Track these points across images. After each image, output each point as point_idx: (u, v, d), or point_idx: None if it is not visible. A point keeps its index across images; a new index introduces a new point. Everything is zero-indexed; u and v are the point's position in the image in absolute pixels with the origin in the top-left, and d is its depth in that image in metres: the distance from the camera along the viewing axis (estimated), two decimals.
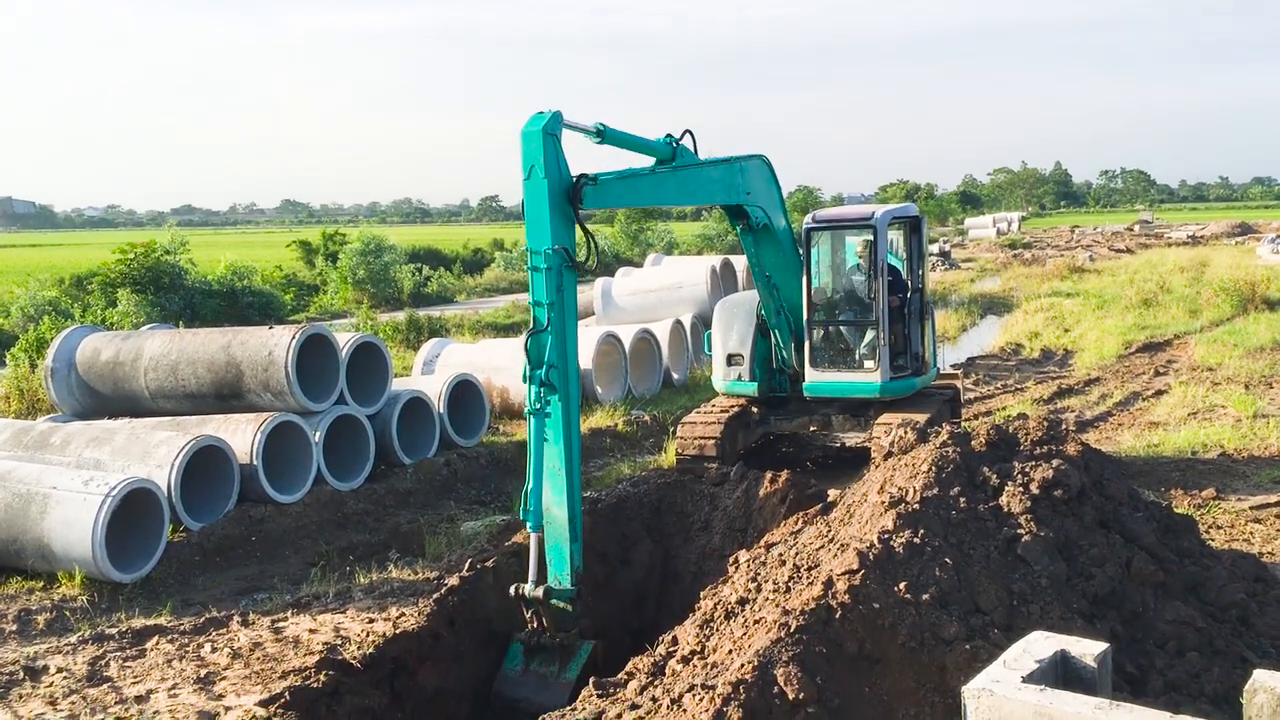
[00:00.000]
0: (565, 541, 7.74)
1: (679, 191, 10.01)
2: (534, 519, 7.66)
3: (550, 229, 7.75)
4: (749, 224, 11.19)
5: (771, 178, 11.38)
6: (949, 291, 36.02)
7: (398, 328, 25.79)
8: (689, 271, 23.15)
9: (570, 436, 7.81)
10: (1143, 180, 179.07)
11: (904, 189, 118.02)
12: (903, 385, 11.98)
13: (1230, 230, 69.74)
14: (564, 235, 7.85)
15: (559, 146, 7.84)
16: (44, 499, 9.80)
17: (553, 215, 7.76)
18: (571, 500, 7.72)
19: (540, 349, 7.79)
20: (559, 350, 7.81)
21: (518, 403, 16.48)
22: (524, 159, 7.86)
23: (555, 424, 7.77)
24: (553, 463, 7.78)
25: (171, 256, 27.86)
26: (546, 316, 7.76)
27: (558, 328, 7.78)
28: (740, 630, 5.80)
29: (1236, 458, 12.02)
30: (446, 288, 40.18)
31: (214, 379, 12.35)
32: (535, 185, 7.80)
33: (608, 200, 8.63)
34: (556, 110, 7.87)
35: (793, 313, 12.06)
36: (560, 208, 7.83)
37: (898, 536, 5.72)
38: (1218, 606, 6.04)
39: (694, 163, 10.12)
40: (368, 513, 12.08)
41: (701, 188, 10.37)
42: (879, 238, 11.65)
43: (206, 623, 8.63)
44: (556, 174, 7.81)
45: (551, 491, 7.78)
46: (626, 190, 9.09)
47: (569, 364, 7.91)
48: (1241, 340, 20.38)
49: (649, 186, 9.52)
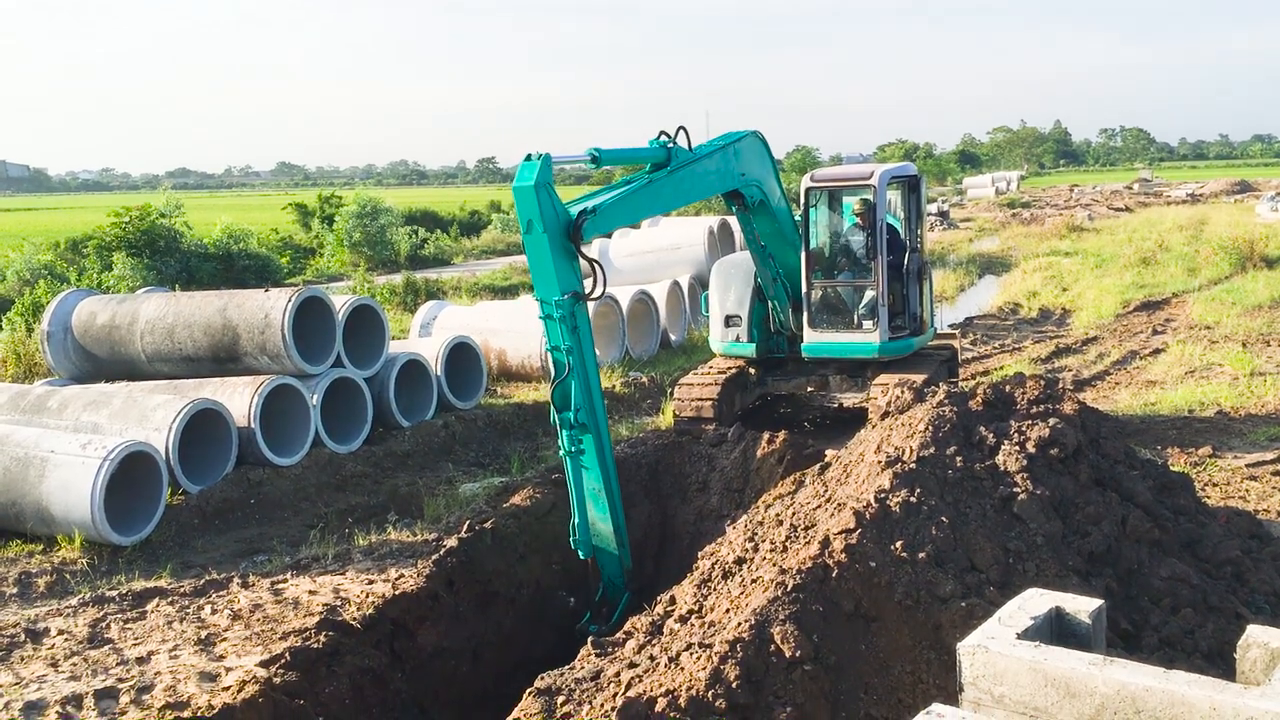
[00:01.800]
0: (615, 547, 8.42)
1: (675, 195, 9.98)
2: (584, 547, 8.23)
3: (557, 277, 7.88)
4: (745, 204, 11.15)
5: (765, 152, 11.31)
6: (947, 251, 35.93)
7: (394, 290, 25.72)
8: (686, 233, 23.08)
9: (605, 461, 8.18)
10: (1142, 139, 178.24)
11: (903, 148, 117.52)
12: (901, 345, 11.96)
13: (1229, 188, 69.48)
14: (570, 279, 7.99)
15: (553, 193, 7.90)
16: (42, 462, 9.81)
17: (557, 264, 7.87)
18: (614, 515, 8.31)
19: (566, 394, 8.00)
20: (583, 390, 8.03)
21: (515, 364, 16.49)
22: (520, 214, 7.91)
23: (591, 455, 8.12)
24: (593, 485, 8.20)
25: (167, 220, 27.70)
26: (566, 362, 7.95)
27: (579, 369, 7.99)
28: (738, 589, 5.83)
29: (1233, 416, 12.04)
30: (443, 250, 40.03)
31: (211, 342, 12.33)
32: (536, 240, 7.86)
33: (607, 226, 8.79)
34: (545, 155, 7.83)
35: (789, 279, 12.02)
36: (563, 252, 7.93)
37: (894, 496, 5.73)
38: (1213, 563, 6.07)
39: (688, 160, 10.04)
40: (366, 475, 12.10)
41: (697, 185, 10.32)
42: (878, 197, 11.59)
43: (206, 585, 8.67)
44: (555, 221, 7.87)
45: (595, 510, 8.26)
46: (624, 212, 9.21)
47: (594, 397, 8.15)
48: (1239, 298, 20.36)
49: (646, 200, 9.53)
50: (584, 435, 8.05)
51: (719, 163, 10.54)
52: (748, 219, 11.42)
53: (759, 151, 11.16)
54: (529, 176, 7.73)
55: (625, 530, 8.50)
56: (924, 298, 12.34)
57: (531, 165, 7.78)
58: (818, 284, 11.99)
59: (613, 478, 8.27)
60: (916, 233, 12.26)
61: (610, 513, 8.28)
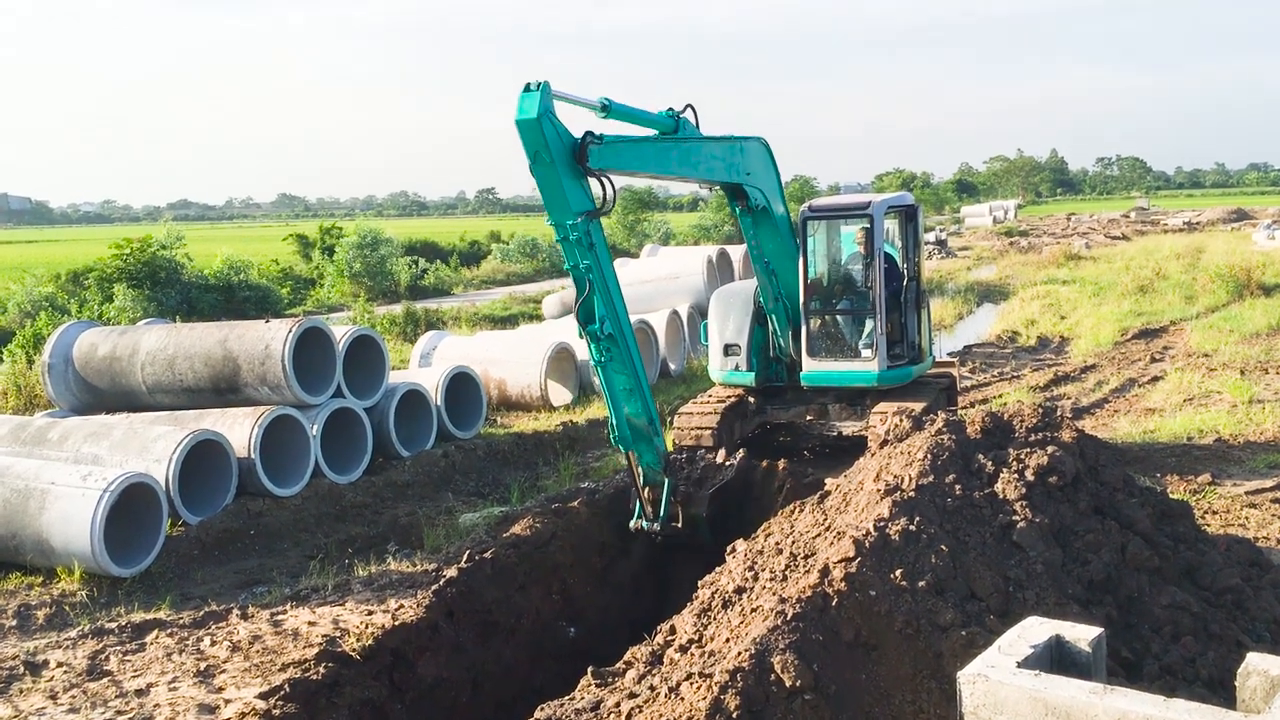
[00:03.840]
0: (650, 438, 8.99)
1: (681, 162, 10.16)
2: (624, 442, 8.92)
3: (569, 199, 8.12)
4: (748, 205, 11.24)
5: (770, 161, 11.40)
6: (945, 280, 36.02)
7: (394, 320, 25.78)
8: (685, 262, 23.16)
9: (634, 362, 8.69)
10: (1139, 167, 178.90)
11: (900, 178, 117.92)
12: (899, 374, 11.98)
13: (1226, 216, 69.73)
14: (582, 199, 8.25)
15: (556, 121, 8.01)
16: (42, 494, 9.81)
17: (567, 186, 8.08)
18: (647, 408, 8.88)
19: (590, 310, 8.45)
20: (605, 302, 8.46)
21: (515, 394, 16.51)
22: (526, 147, 8.02)
23: (620, 362, 8.66)
24: (626, 385, 8.74)
25: (168, 251, 27.82)
26: (587, 279, 8.35)
27: (599, 283, 8.37)
28: (738, 619, 5.82)
29: (1232, 443, 12.05)
30: (443, 280, 40.15)
31: (211, 373, 12.36)
32: (544, 169, 8.03)
33: (612, 161, 8.81)
34: (544, 83, 7.92)
35: (790, 299, 12.07)
36: (572, 175, 8.15)
37: (894, 524, 5.74)
38: (1213, 591, 6.06)
39: (696, 136, 10.27)
40: (366, 505, 12.09)
41: (703, 161, 10.49)
42: (875, 226, 11.66)
43: (206, 616, 8.65)
44: (560, 146, 8.03)
45: (630, 408, 8.81)
46: (631, 153, 9.33)
47: (617, 306, 8.57)
48: (1237, 326, 20.41)
49: (653, 153, 9.70)
50: (612, 345, 8.50)
51: (725, 151, 10.74)
52: (750, 223, 11.53)
53: (763, 157, 11.29)
54: (530, 109, 7.84)
55: (658, 420, 9.08)
56: (922, 326, 12.38)
57: (531, 96, 7.89)
58: (816, 313, 12.03)
59: (641, 376, 8.76)
60: (914, 262, 12.32)
61: (643, 406, 8.81)
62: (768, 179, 11.34)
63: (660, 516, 9.19)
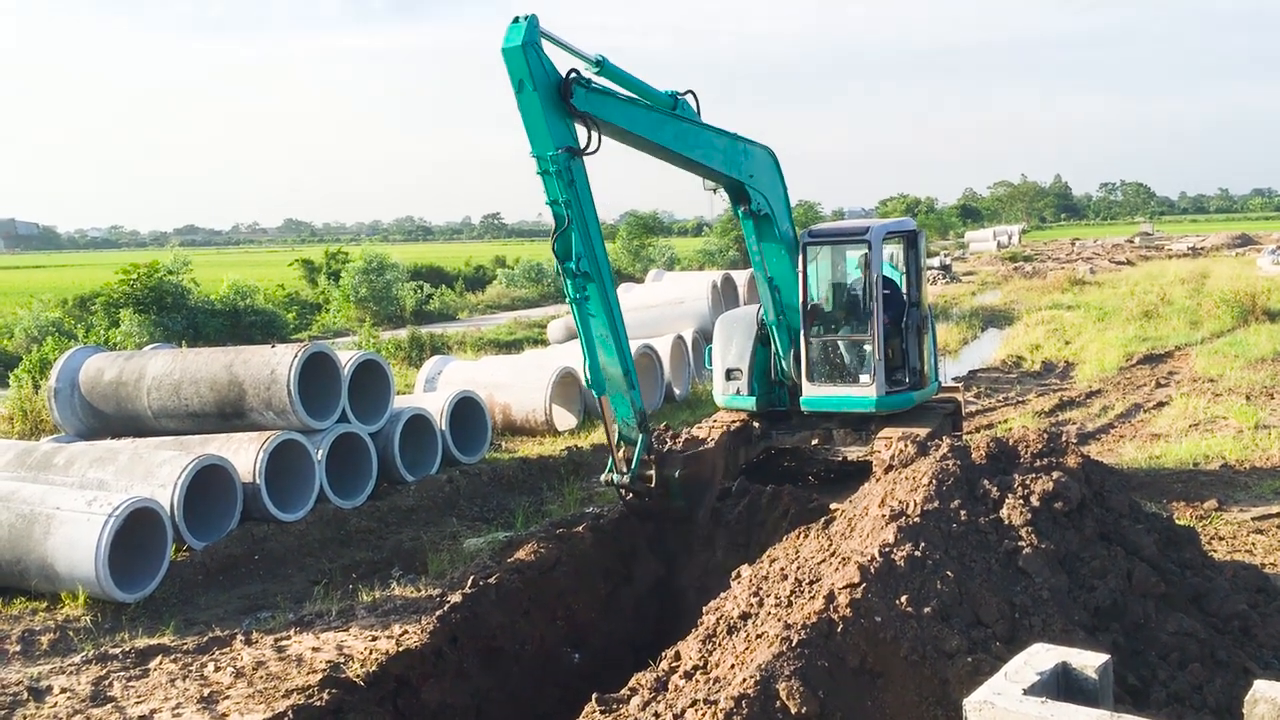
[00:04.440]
0: (625, 390, 9.09)
1: (677, 139, 10.30)
2: (598, 387, 9.03)
3: (549, 133, 8.30)
4: (750, 208, 11.33)
5: (777, 172, 11.47)
6: (950, 305, 36.04)
7: (400, 345, 25.82)
8: (690, 287, 23.21)
9: (610, 307, 8.78)
10: (1143, 193, 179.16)
11: (904, 203, 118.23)
12: (899, 399, 11.97)
13: (1230, 242, 69.81)
14: (563, 134, 8.40)
15: (541, 52, 8.25)
16: (48, 519, 9.82)
17: (549, 119, 8.28)
18: (623, 358, 8.97)
19: (567, 244, 8.54)
20: (584, 239, 8.58)
21: (520, 419, 16.51)
22: (511, 75, 8.23)
23: (596, 302, 8.74)
24: (600, 331, 8.83)
25: (174, 276, 27.96)
26: (565, 214, 8.47)
27: (578, 220, 8.52)
28: (742, 645, 5.80)
29: (1238, 469, 12.02)
30: (448, 305, 40.25)
31: (217, 398, 12.38)
32: (527, 98, 8.24)
33: (600, 110, 8.99)
34: (531, 15, 8.15)
35: (792, 316, 12.13)
36: (554, 109, 8.34)
37: (899, 550, 5.73)
38: (1220, 618, 6.04)
39: (697, 121, 10.40)
40: (370, 530, 12.08)
41: (702, 146, 10.62)
42: (873, 252, 11.69)
43: (210, 642, 8.63)
44: (545, 79, 8.23)
45: (605, 354, 8.91)
46: (622, 111, 9.47)
47: (596, 247, 8.70)
48: (1242, 351, 20.39)
49: (646, 119, 9.84)
50: (587, 283, 8.60)
51: (727, 145, 10.85)
52: (752, 227, 11.64)
53: (769, 166, 11.36)
54: (516, 38, 8.06)
55: (635, 373, 9.17)
56: (925, 352, 12.36)
57: (518, 27, 8.11)
58: (815, 338, 12.06)
59: (619, 324, 8.86)
60: (916, 287, 12.33)
61: (619, 356, 8.89)
62: (773, 189, 11.40)
63: (631, 471, 9.27)
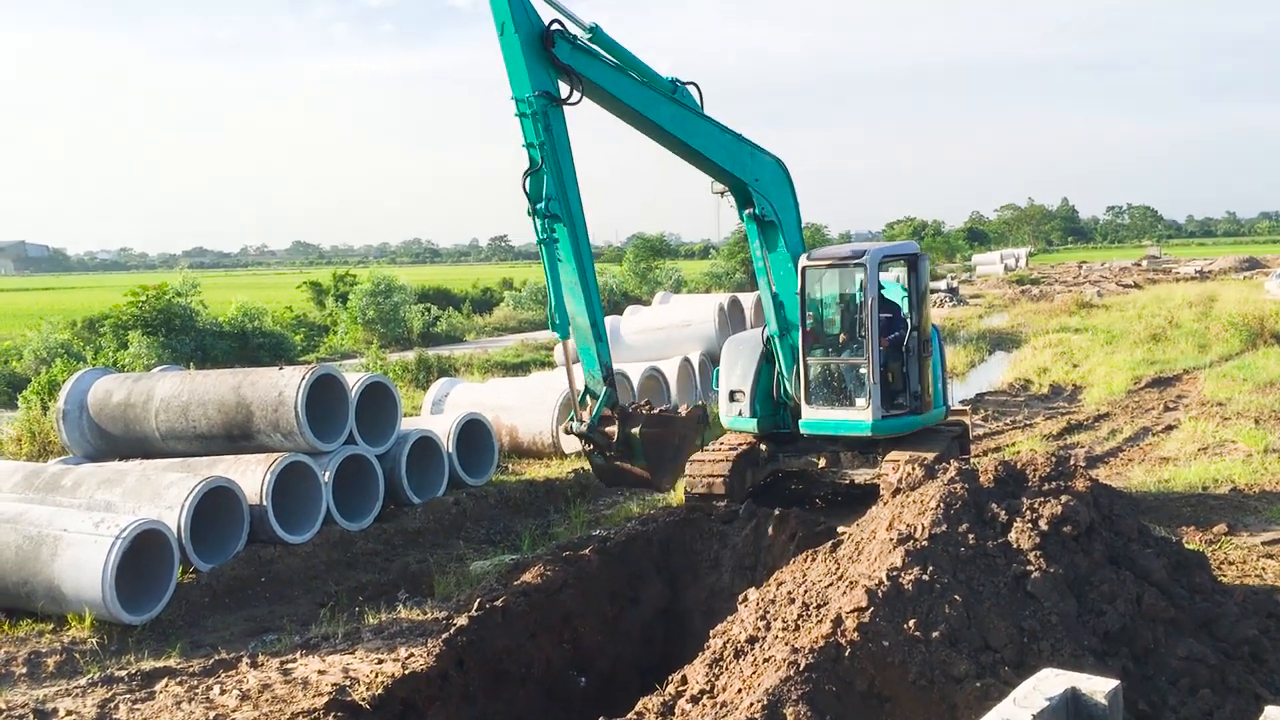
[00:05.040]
0: (591, 342, 9.25)
1: (674, 121, 10.63)
2: (562, 329, 9.16)
3: (529, 76, 8.72)
4: (754, 212, 11.40)
5: (787, 184, 11.53)
6: (957, 328, 36.02)
7: (407, 367, 25.86)
8: (697, 309, 23.23)
9: (581, 254, 9.04)
10: (1150, 216, 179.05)
11: (911, 225, 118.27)
12: (898, 424, 11.90)
13: (1238, 265, 69.75)
14: (543, 79, 8.83)
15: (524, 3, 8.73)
16: (55, 541, 9.83)
17: (529, 63, 8.69)
18: (590, 308, 9.11)
19: (539, 185, 8.83)
20: (556, 183, 8.87)
21: (527, 441, 16.50)
22: (494, 17, 8.60)
23: (565, 247, 9.00)
24: (569, 279, 9.04)
25: (183, 298, 28.04)
26: (540, 155, 8.79)
27: (551, 163, 8.82)
28: (750, 669, 5.78)
29: (1248, 493, 11.96)
30: (455, 327, 40.32)
31: (224, 420, 12.40)
32: (509, 40, 8.64)
33: (587, 70, 9.39)
34: None
35: (795, 334, 12.17)
36: (536, 54, 8.75)
37: (907, 573, 5.70)
38: (1230, 643, 6.00)
39: (699, 111, 10.59)
40: (377, 553, 12.07)
41: (702, 135, 10.86)
42: (869, 276, 11.68)
43: (215, 664, 8.61)
44: (527, 24, 8.65)
45: (573, 302, 9.10)
46: (610, 77, 9.84)
47: (569, 193, 8.96)
48: (1251, 375, 20.33)
49: (636, 91, 10.14)
50: (556, 224, 8.87)
51: (731, 142, 11.00)
52: (756, 232, 11.78)
53: (779, 177, 11.41)
54: None
55: (603, 326, 9.40)
56: (926, 376, 12.28)
57: None
58: (814, 360, 12.08)
59: (590, 274, 9.09)
60: (918, 310, 12.25)
61: (587, 307, 9.08)
62: (782, 199, 11.45)
63: (590, 421, 9.41)
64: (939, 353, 12.68)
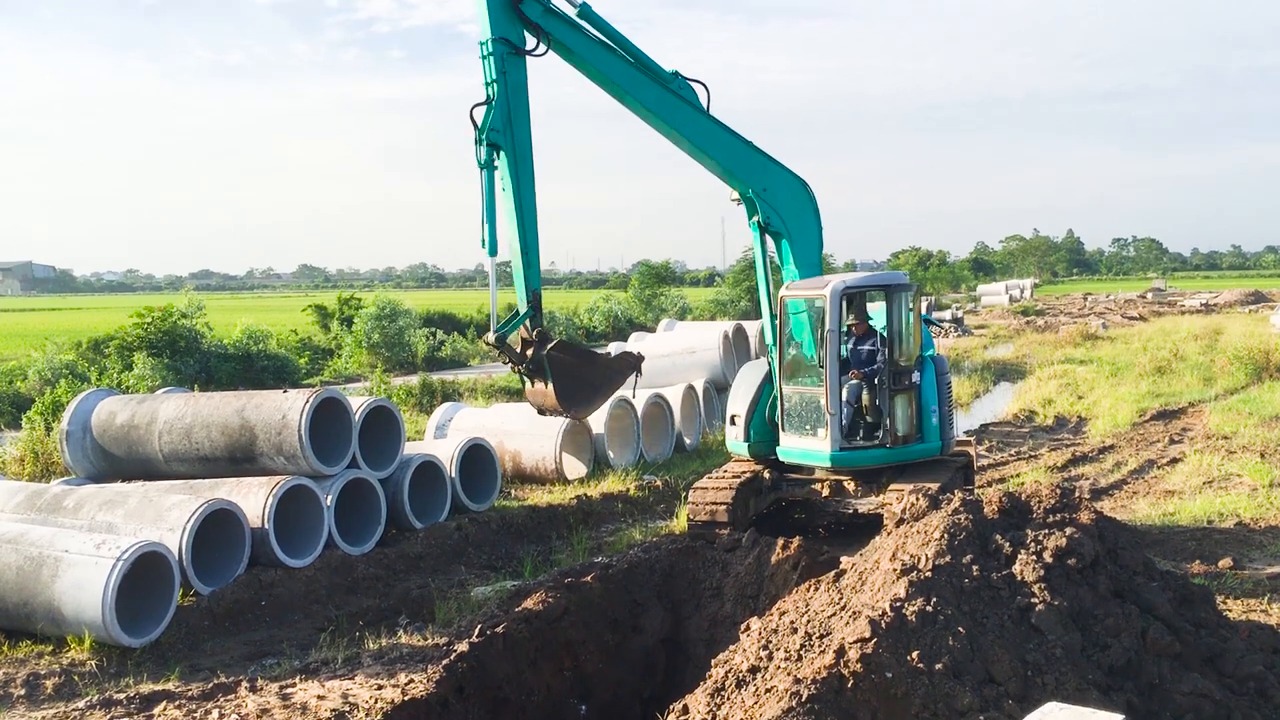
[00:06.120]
0: (521, 269, 9.94)
1: (661, 105, 11.05)
2: (490, 248, 9.82)
3: (491, 22, 9.76)
4: (759, 220, 11.65)
5: (807, 204, 11.65)
6: (962, 358, 36.03)
7: (411, 391, 25.87)
8: (702, 337, 23.23)
9: (520, 184, 9.89)
10: (1155, 248, 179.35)
11: (916, 256, 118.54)
12: (859, 456, 11.88)
13: (1243, 298, 69.72)
14: (504, 26, 9.86)
15: None
16: (55, 562, 9.81)
17: (492, 11, 9.75)
18: (523, 234, 9.90)
19: (486, 117, 9.72)
20: (503, 118, 9.80)
21: (529, 466, 16.50)
22: None
23: (507, 175, 9.84)
24: (508, 205, 9.83)
25: (188, 320, 28.09)
26: (490, 93, 9.76)
27: (500, 100, 9.78)
28: (752, 699, 5.74)
29: (1253, 527, 11.92)
30: (460, 352, 40.35)
31: (228, 442, 12.40)
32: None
33: (558, 32, 10.32)
34: None
35: None
36: (502, 6, 9.82)
37: (910, 604, 5.68)
38: (1235, 678, 5.96)
39: (700, 108, 11.25)
40: (378, 577, 12.03)
41: (697, 129, 11.50)
42: (829, 308, 11.70)
43: (215, 688, 8.57)
44: None
45: (509, 227, 9.87)
46: (590, 50, 10.65)
47: (515, 128, 9.86)
48: (1256, 409, 20.29)
49: (621, 70, 10.83)
50: (498, 153, 9.76)
51: (737, 146, 11.51)
52: (759, 236, 12.04)
53: (799, 197, 11.58)
54: None
55: (535, 252, 10.11)
56: (908, 410, 12.04)
57: None
58: (788, 389, 12.23)
59: (527, 203, 9.92)
60: (898, 344, 12.07)
61: (520, 232, 9.88)
62: (797, 218, 11.61)
63: (501, 330, 10.12)
64: (933, 386, 12.32)
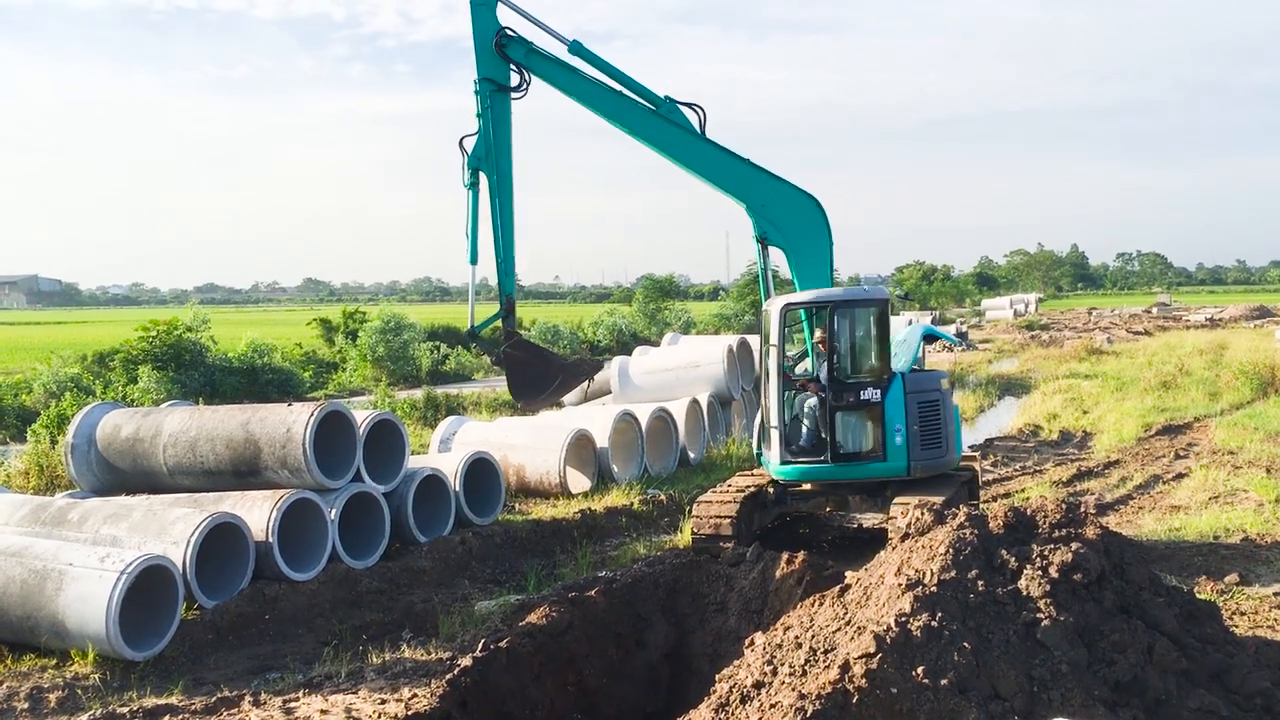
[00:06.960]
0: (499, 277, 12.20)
1: (650, 131, 12.08)
2: (471, 256, 12.07)
3: (478, 62, 11.74)
4: (758, 235, 12.00)
5: (812, 219, 11.75)
6: (966, 372, 36.00)
7: (415, 405, 25.88)
8: (706, 351, 23.19)
9: (499, 204, 11.86)
10: (1159, 263, 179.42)
11: (920, 270, 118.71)
12: (803, 471, 12.07)
13: (1248, 313, 69.65)
14: (490, 68, 11.79)
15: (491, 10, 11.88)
16: (60, 575, 9.80)
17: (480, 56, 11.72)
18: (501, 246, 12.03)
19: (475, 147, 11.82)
20: (485, 146, 11.79)
21: (534, 480, 16.48)
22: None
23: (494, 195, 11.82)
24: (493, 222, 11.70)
25: (193, 334, 28.16)
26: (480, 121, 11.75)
27: (484, 131, 11.74)
28: (756, 714, 5.72)
29: (1260, 543, 11.87)
30: (464, 365, 40.38)
31: (232, 456, 12.41)
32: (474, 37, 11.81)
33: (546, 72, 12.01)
34: None
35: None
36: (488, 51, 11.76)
37: (915, 620, 5.66)
38: (1242, 695, 5.94)
39: (690, 130, 12.01)
40: (382, 591, 12.01)
41: (690, 152, 12.19)
42: (774, 323, 11.92)
43: (218, 702, 8.55)
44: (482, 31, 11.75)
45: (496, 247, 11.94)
46: (574, 83, 12.13)
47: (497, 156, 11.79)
48: (1262, 424, 20.24)
49: (610, 101, 12.13)
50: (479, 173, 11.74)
51: (734, 165, 11.97)
52: (762, 258, 12.42)
53: (800, 207, 11.72)
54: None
55: (511, 262, 12.17)
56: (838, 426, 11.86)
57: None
58: (763, 403, 12.49)
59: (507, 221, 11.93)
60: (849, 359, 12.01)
61: (498, 247, 11.96)
62: (804, 235, 11.81)
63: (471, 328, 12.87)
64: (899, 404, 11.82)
